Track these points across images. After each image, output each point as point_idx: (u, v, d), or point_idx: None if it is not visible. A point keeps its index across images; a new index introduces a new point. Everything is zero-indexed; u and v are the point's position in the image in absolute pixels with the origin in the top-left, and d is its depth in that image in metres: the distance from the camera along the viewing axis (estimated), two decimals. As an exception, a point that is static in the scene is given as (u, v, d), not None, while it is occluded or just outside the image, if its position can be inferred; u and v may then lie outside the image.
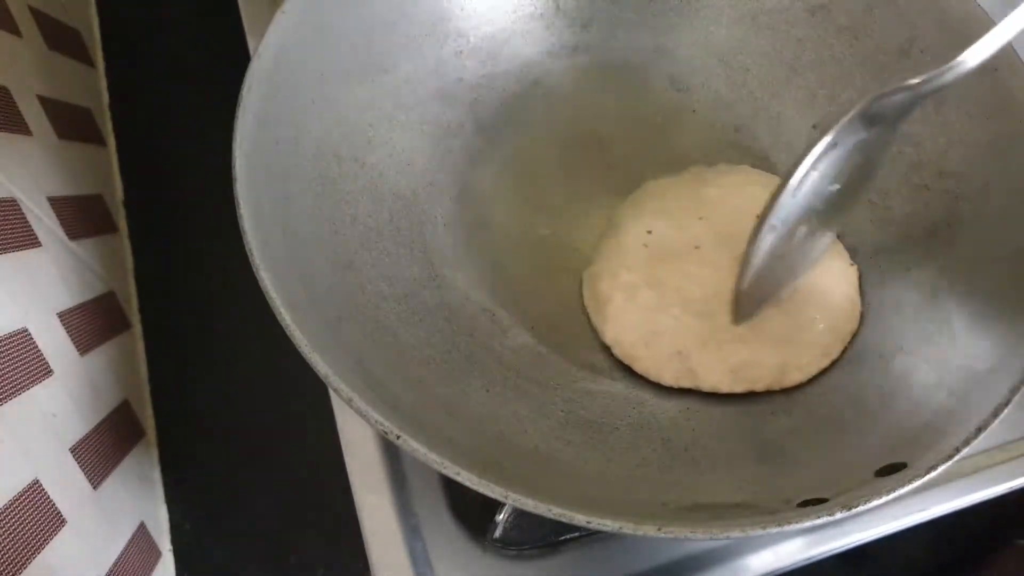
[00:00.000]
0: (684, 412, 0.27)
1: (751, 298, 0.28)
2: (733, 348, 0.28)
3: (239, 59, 0.28)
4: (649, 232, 0.31)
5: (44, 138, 0.39)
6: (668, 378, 0.28)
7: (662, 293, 0.29)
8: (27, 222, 0.34)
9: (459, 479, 0.18)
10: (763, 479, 0.23)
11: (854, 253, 0.29)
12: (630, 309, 0.29)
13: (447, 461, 0.18)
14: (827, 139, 0.25)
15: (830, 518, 0.18)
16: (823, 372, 0.28)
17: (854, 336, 0.28)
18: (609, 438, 0.26)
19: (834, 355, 0.28)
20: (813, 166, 0.26)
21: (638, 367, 0.29)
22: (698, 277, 0.30)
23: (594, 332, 0.30)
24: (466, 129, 0.33)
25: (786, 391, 0.27)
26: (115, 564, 0.34)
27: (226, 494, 0.42)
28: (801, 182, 0.26)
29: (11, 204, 0.33)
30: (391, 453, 0.30)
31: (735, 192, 0.32)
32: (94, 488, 0.34)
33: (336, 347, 0.22)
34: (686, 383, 0.28)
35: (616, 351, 0.29)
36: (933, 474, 0.19)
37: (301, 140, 0.26)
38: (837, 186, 0.27)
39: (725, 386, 0.28)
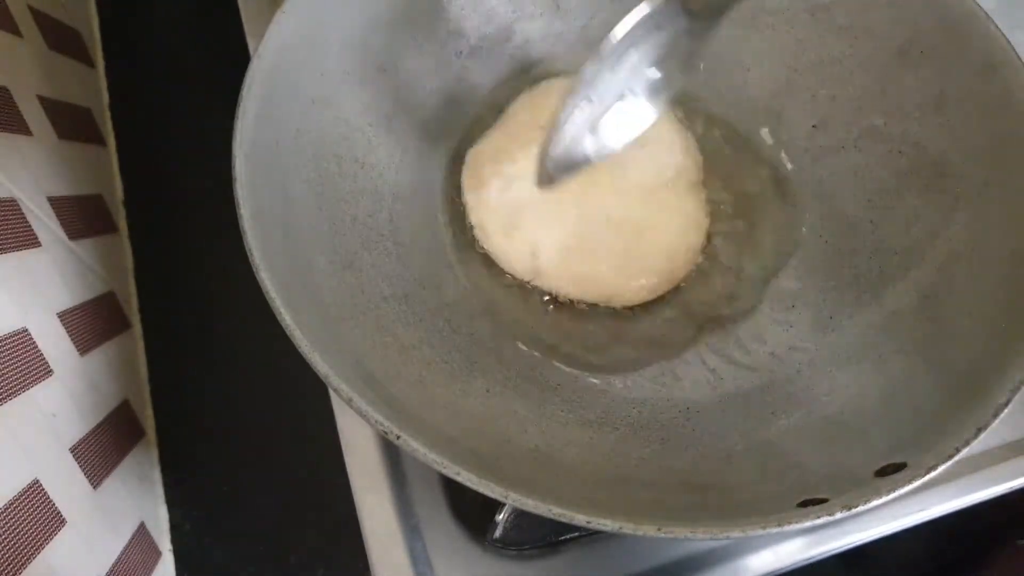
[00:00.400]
0: (684, 412, 0.27)
1: (558, 165, 0.28)
2: (579, 259, 0.30)
3: (239, 59, 0.28)
4: (542, 127, 0.31)
5: (44, 138, 0.39)
6: (519, 271, 0.30)
7: (535, 191, 0.30)
8: (27, 222, 0.34)
9: (459, 479, 0.18)
10: (763, 479, 0.23)
11: (854, 254, 0.29)
12: (502, 198, 0.31)
13: (447, 461, 0.18)
14: (644, 10, 0.25)
15: (830, 518, 0.18)
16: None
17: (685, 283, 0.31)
18: (609, 438, 0.26)
19: (658, 292, 0.30)
20: (633, 43, 0.26)
21: (488, 248, 0.31)
22: (575, 184, 0.30)
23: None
24: (466, 129, 0.33)
25: (788, 391, 0.27)
26: (115, 564, 0.34)
27: (226, 494, 0.42)
28: (621, 58, 0.26)
29: (11, 204, 0.33)
30: (391, 453, 0.30)
31: None
32: (94, 488, 0.34)
33: (336, 347, 0.22)
34: (530, 279, 0.30)
35: (476, 233, 0.31)
36: (933, 474, 0.19)
37: (301, 140, 0.26)
38: (658, 74, 0.27)
39: (564, 291, 0.30)
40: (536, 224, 0.31)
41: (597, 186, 0.31)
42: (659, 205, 0.32)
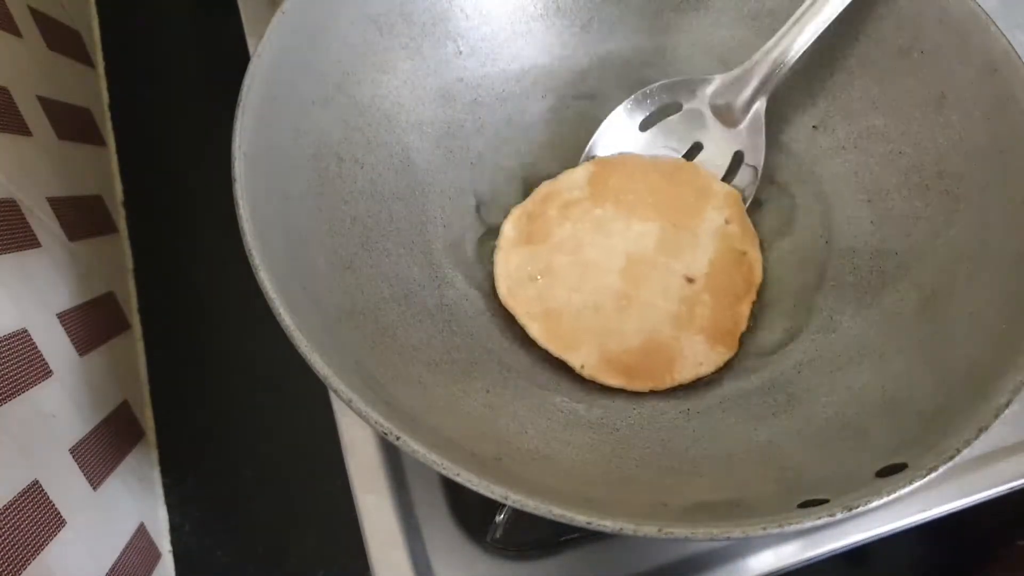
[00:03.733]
0: (684, 413, 0.27)
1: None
2: (570, 320, 0.29)
3: (239, 59, 0.28)
4: (630, 202, 0.31)
5: (44, 138, 0.39)
6: (522, 316, 0.29)
7: (569, 251, 0.30)
8: (27, 222, 0.34)
9: (459, 479, 0.18)
10: (763, 480, 0.23)
11: (854, 254, 0.29)
12: (525, 249, 0.31)
13: (447, 462, 0.18)
14: None
15: (831, 519, 0.18)
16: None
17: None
18: (609, 438, 0.26)
19: (670, 384, 0.28)
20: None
21: (500, 295, 0.30)
22: (608, 252, 0.30)
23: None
24: (466, 129, 0.33)
25: (788, 391, 0.27)
26: (115, 564, 0.34)
27: (226, 494, 0.42)
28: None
29: (11, 204, 0.33)
30: (391, 453, 0.30)
31: (694, 198, 0.32)
32: (94, 489, 0.34)
33: (336, 348, 0.22)
34: (537, 337, 0.29)
35: (501, 242, 0.31)
36: (934, 475, 0.19)
37: (301, 140, 0.26)
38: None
39: (541, 341, 0.29)
40: (550, 286, 0.30)
41: (637, 260, 0.30)
42: (688, 303, 0.29)
